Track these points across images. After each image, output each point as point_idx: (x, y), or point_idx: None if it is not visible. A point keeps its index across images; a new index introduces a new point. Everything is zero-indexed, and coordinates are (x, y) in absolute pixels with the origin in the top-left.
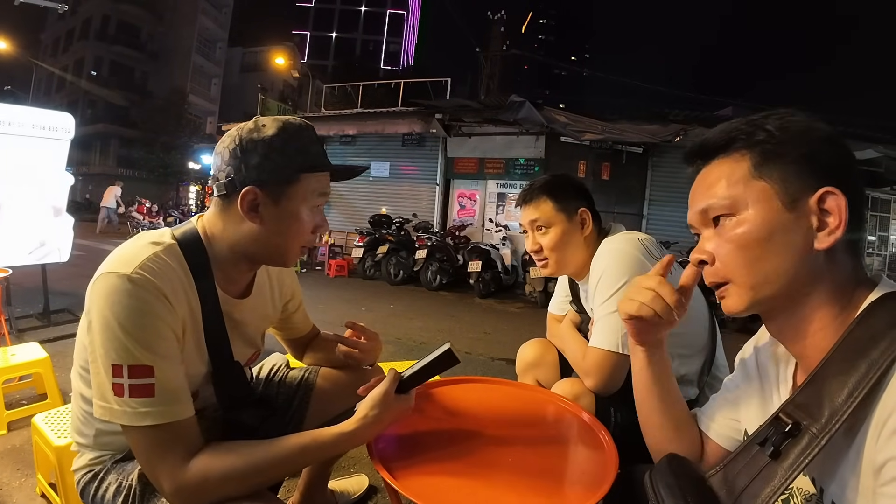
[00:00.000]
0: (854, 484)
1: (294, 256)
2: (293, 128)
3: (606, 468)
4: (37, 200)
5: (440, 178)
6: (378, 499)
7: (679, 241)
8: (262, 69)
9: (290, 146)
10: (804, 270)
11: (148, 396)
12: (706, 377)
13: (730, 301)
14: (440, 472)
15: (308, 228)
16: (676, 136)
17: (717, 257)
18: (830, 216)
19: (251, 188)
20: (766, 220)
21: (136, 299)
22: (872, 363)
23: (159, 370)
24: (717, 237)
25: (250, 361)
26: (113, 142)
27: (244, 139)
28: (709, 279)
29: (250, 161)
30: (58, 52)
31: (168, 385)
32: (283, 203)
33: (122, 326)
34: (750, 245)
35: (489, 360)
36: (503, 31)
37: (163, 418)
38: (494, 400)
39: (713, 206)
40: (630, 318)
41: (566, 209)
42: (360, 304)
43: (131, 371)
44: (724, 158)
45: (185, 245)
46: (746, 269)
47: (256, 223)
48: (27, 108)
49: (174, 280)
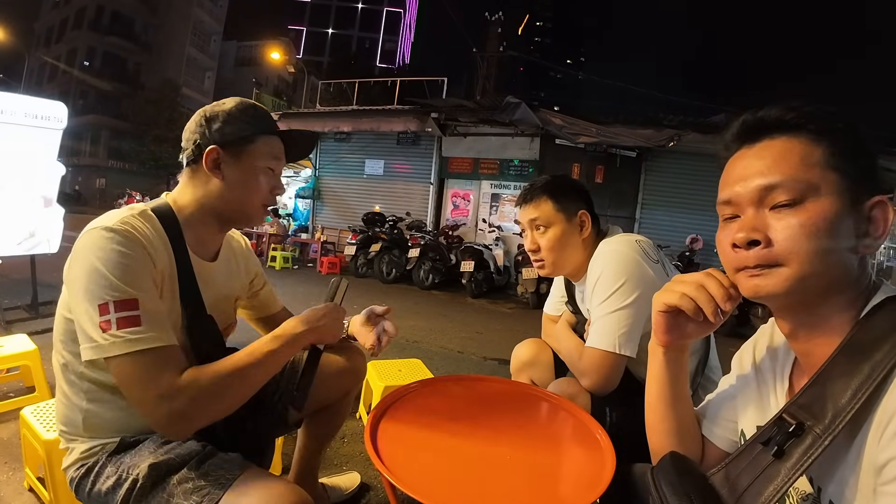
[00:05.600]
0: (853, 483)
1: (256, 212)
2: (249, 103)
3: (603, 467)
4: (27, 190)
5: (434, 177)
6: (370, 496)
7: (671, 245)
8: (256, 63)
9: (246, 114)
10: (846, 272)
11: (136, 326)
12: (699, 378)
13: (769, 281)
14: (437, 469)
15: (266, 187)
16: (670, 140)
17: (776, 241)
18: (873, 224)
19: (214, 147)
20: (838, 213)
21: (119, 244)
22: (876, 365)
23: (143, 302)
24: (777, 220)
25: (226, 332)
26: (104, 133)
27: (208, 111)
28: (754, 261)
29: (213, 126)
30: (51, 41)
31: (153, 315)
32: (242, 160)
33: (107, 267)
34: (820, 234)
35: (481, 360)
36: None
37: (153, 342)
38: (492, 398)
39: (783, 183)
40: (666, 310)
41: (566, 210)
42: (352, 301)
43: (117, 306)
44: (793, 138)
45: (158, 212)
46: (809, 258)
47: (219, 179)
48: (19, 97)
49: (152, 237)
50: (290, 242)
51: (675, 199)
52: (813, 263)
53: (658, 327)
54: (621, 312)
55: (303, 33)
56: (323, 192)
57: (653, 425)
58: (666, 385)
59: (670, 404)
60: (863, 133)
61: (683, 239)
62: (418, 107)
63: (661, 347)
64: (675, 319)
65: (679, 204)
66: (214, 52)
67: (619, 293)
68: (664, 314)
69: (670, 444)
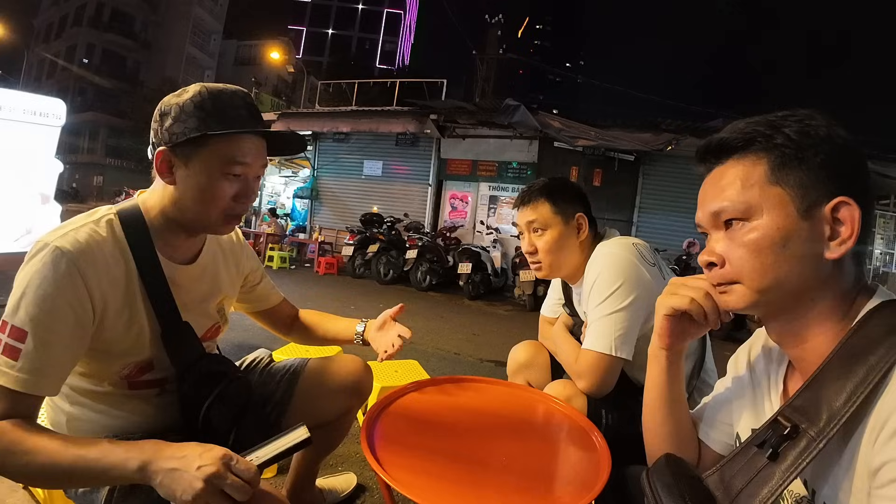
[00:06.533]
0: (847, 486)
1: (217, 222)
2: (212, 91)
3: (599, 469)
4: (24, 187)
5: (433, 178)
6: (366, 497)
7: (668, 249)
8: (256, 63)
9: (203, 109)
10: (813, 278)
11: (12, 359)
12: (695, 381)
13: (732, 298)
14: (433, 470)
15: (225, 195)
16: (668, 145)
17: (729, 261)
18: (843, 226)
19: (163, 149)
20: (781, 228)
21: (47, 271)
22: (870, 369)
23: (33, 339)
24: (729, 241)
25: (210, 335)
26: (102, 130)
27: (164, 104)
28: (716, 280)
29: (165, 123)
30: (50, 37)
31: (36, 357)
32: (193, 165)
33: (24, 289)
34: (763, 251)
35: (477, 362)
36: (500, 35)
37: (13, 384)
38: (488, 400)
39: (726, 209)
40: (672, 314)
41: (563, 213)
42: (349, 302)
43: (11, 331)
44: (740, 159)
45: (125, 217)
46: (758, 274)
47: (172, 185)
48: (19, 93)
49: (104, 251)
50: (288, 242)
51: (672, 203)
52: (766, 278)
53: (663, 331)
54: (618, 315)
55: (303, 33)
56: (321, 192)
57: (650, 428)
58: (665, 388)
59: (668, 407)
60: (818, 135)
61: (680, 243)
62: (417, 108)
63: (663, 351)
64: (679, 324)
65: (676, 208)
66: (214, 50)
67: (616, 296)
68: (669, 318)
69: (667, 447)
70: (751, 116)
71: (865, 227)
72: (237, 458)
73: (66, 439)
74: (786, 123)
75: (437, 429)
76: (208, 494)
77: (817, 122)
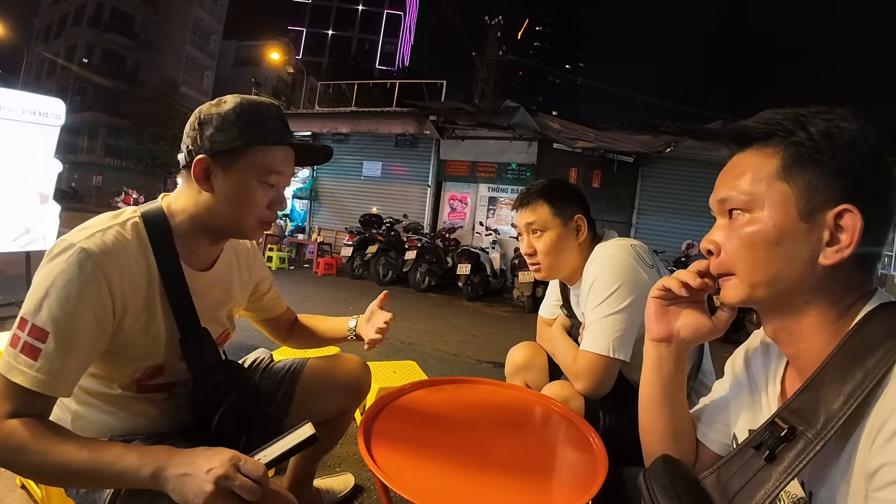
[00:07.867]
0: (844, 489)
1: (252, 229)
2: (251, 103)
3: (596, 470)
4: (23, 186)
5: (432, 179)
6: (363, 498)
7: (666, 251)
8: (256, 63)
9: (243, 119)
10: (805, 281)
11: (32, 359)
12: (693, 382)
13: (728, 291)
14: (430, 471)
15: (261, 202)
16: (667, 147)
17: (724, 250)
18: (843, 233)
19: (204, 157)
20: (777, 225)
21: (73, 272)
22: (868, 371)
23: (55, 340)
24: (728, 230)
25: (220, 341)
26: (101, 130)
27: (203, 112)
28: (713, 269)
29: (205, 132)
30: (50, 37)
31: (55, 358)
32: (232, 173)
33: (47, 288)
34: (756, 246)
35: (476, 363)
36: (500, 37)
37: (31, 383)
38: (486, 401)
39: (731, 198)
40: (659, 296)
41: (562, 214)
42: (347, 303)
43: (31, 329)
44: (758, 150)
45: (149, 220)
46: (749, 268)
47: (209, 192)
48: (18, 93)
49: (128, 254)
50: (287, 243)
51: (671, 205)
52: (756, 272)
53: (649, 314)
54: (616, 316)
55: (303, 34)
56: (320, 192)
57: (645, 427)
58: (657, 386)
59: (662, 407)
60: (843, 138)
61: (679, 244)
62: (417, 109)
63: (652, 342)
64: (663, 309)
65: (675, 210)
66: (214, 51)
67: (614, 297)
68: (657, 301)
69: (663, 447)
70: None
71: (877, 234)
72: (245, 459)
73: (79, 440)
74: (813, 121)
75: (435, 429)
76: (219, 496)
77: (848, 124)
